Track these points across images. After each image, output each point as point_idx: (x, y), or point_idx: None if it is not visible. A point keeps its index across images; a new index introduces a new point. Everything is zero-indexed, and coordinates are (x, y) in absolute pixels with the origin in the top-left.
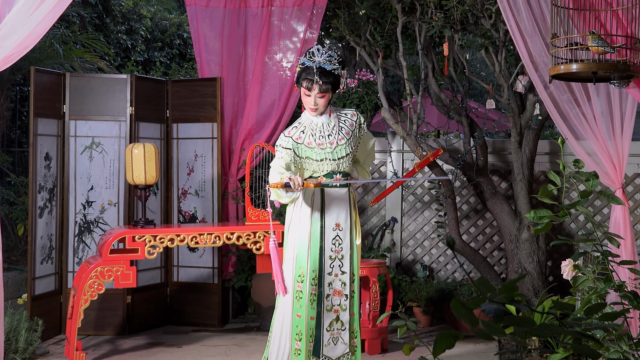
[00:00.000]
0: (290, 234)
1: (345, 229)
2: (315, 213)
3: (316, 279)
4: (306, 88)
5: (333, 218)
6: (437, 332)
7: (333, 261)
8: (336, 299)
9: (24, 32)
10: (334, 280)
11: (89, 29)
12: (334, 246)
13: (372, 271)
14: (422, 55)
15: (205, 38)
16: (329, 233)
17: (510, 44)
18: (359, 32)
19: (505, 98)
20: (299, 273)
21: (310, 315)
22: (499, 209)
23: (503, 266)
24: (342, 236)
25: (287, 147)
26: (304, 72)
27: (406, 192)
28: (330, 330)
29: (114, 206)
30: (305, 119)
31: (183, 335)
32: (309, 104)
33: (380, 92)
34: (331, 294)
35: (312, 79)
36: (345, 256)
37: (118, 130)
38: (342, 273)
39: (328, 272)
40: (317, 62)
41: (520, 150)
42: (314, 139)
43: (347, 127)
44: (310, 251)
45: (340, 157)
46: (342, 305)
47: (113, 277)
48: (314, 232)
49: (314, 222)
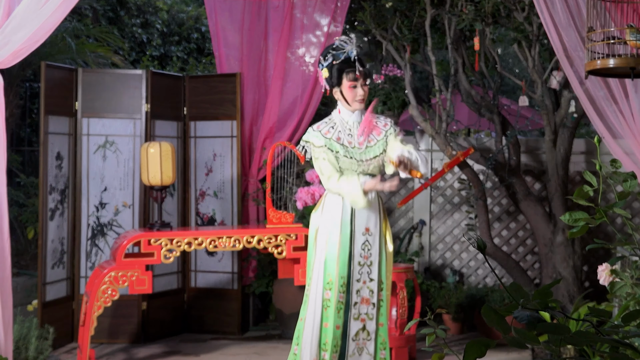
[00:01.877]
0: (318, 240)
1: (375, 234)
2: (345, 217)
3: (344, 285)
4: (352, 80)
5: (363, 222)
6: (467, 340)
7: (362, 267)
8: (363, 307)
9: (34, 26)
10: (362, 288)
11: (103, 22)
12: (363, 252)
13: (400, 276)
14: (451, 50)
15: (224, 32)
16: (358, 238)
17: (544, 37)
18: (385, 26)
19: (539, 95)
20: (328, 280)
21: (336, 324)
22: (532, 211)
23: (537, 271)
24: (372, 241)
25: (320, 145)
26: (343, 65)
27: (435, 194)
28: (356, 340)
29: (129, 208)
30: (336, 116)
31: (201, 344)
32: (358, 95)
33: (407, 88)
34: (358, 301)
35: (353, 69)
36: (374, 262)
37: (133, 129)
38: (370, 280)
39: (357, 279)
40: (351, 50)
41: (555, 150)
42: (343, 135)
43: (379, 128)
44: (339, 257)
45: (368, 159)
46: (369, 314)
47: (127, 283)
48: (343, 236)
49: (344, 226)
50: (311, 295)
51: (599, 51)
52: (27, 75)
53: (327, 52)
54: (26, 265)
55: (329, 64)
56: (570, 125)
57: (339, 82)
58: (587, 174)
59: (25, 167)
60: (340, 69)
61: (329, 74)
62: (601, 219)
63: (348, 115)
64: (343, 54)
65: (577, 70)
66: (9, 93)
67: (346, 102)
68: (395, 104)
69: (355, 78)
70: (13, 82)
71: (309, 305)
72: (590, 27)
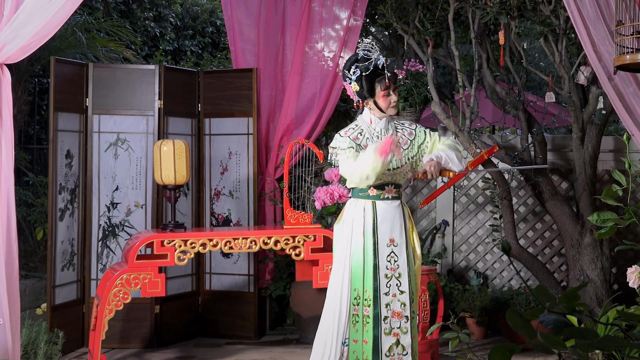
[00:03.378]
0: (339, 251)
1: (401, 245)
2: (367, 228)
3: (370, 299)
4: (384, 88)
5: (387, 233)
6: (491, 345)
7: (389, 280)
8: (395, 322)
9: (43, 19)
10: (392, 301)
11: (114, 16)
12: (389, 263)
13: (422, 279)
14: (475, 44)
15: (240, 25)
16: (382, 249)
17: (572, 32)
18: (407, 19)
19: (566, 91)
20: (355, 295)
21: (364, 339)
22: (559, 211)
23: (564, 273)
24: (398, 252)
25: (349, 147)
26: (373, 75)
27: (458, 193)
28: (390, 356)
29: (141, 208)
30: (363, 123)
31: (216, 349)
32: (393, 101)
33: (430, 84)
34: (389, 315)
35: (384, 76)
36: (402, 274)
37: (145, 126)
38: (400, 293)
39: (384, 292)
40: (378, 58)
41: (582, 148)
42: (371, 142)
43: (405, 137)
44: (364, 269)
45: (394, 167)
46: (402, 328)
47: (140, 285)
48: (366, 249)
49: (367, 238)
50: (332, 309)
51: (628, 45)
52: (36, 70)
53: (352, 64)
54: (35, 268)
55: (358, 77)
56: (599, 122)
57: (372, 93)
58: (615, 172)
59: (34, 165)
60: (371, 80)
61: (360, 86)
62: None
63: (375, 121)
64: (371, 64)
65: (605, 65)
66: (17, 89)
67: (380, 111)
68: (417, 100)
69: (387, 86)
70: (21, 77)
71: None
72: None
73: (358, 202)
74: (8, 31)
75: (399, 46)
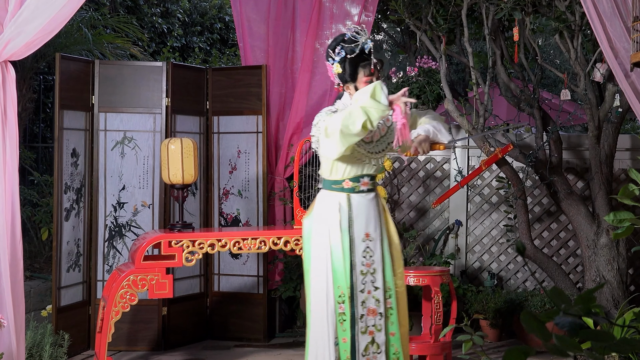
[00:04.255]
0: (318, 249)
1: (376, 239)
2: (343, 223)
3: (344, 296)
4: (368, 75)
5: (362, 227)
6: (506, 348)
7: (365, 276)
8: (370, 319)
9: (48, 15)
10: (367, 298)
11: (121, 12)
12: (365, 259)
13: (434, 280)
14: (489, 41)
15: (249, 22)
16: (358, 245)
17: (588, 28)
18: (419, 15)
19: (582, 88)
20: (339, 293)
21: (343, 338)
22: (574, 211)
23: (579, 274)
24: (373, 247)
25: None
26: (358, 59)
27: (472, 193)
28: (366, 355)
29: (148, 208)
30: (342, 106)
31: (225, 351)
32: None
33: (443, 81)
34: (365, 314)
35: (369, 62)
36: (377, 269)
37: (153, 124)
38: (375, 289)
39: (360, 290)
40: (365, 43)
41: (599, 146)
42: None
43: (382, 123)
44: (343, 267)
45: (380, 150)
46: (377, 325)
47: (147, 287)
48: (344, 244)
49: (343, 233)
50: (320, 309)
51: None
52: (41, 67)
53: (338, 44)
54: (40, 268)
55: (342, 58)
56: (615, 120)
57: (354, 78)
58: (632, 171)
59: (39, 164)
60: (355, 63)
61: (342, 69)
62: None
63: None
64: (357, 47)
65: (622, 62)
66: (22, 86)
67: None
68: (430, 97)
69: (371, 72)
70: (26, 74)
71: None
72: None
73: (331, 196)
74: (12, 27)
75: (411, 43)
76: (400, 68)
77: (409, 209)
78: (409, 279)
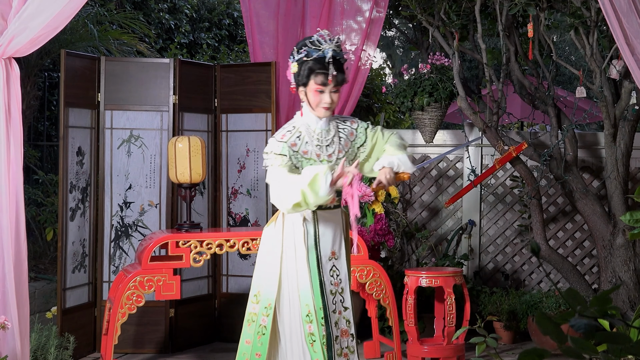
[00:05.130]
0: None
1: (341, 257)
2: (309, 241)
3: (321, 318)
4: (320, 83)
5: (328, 246)
6: (520, 350)
7: (334, 296)
8: (344, 341)
9: (53, 11)
10: (339, 319)
11: (127, 7)
12: (333, 278)
13: (447, 281)
14: (503, 37)
15: (258, 17)
16: (325, 264)
17: (603, 24)
18: (432, 11)
19: (598, 85)
20: (306, 312)
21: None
22: (590, 211)
23: (595, 275)
24: (339, 266)
25: (282, 154)
26: (314, 65)
27: (485, 192)
28: None
29: (155, 207)
30: (301, 124)
31: (233, 354)
32: (324, 102)
33: (456, 78)
34: (339, 335)
35: (326, 71)
36: (345, 289)
37: (160, 122)
38: (344, 309)
39: (332, 310)
40: (327, 50)
41: (615, 145)
42: (310, 147)
43: (346, 138)
44: (312, 287)
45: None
46: (350, 347)
47: (154, 288)
48: (311, 263)
49: (310, 252)
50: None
51: None
52: (45, 64)
53: (303, 44)
54: (45, 269)
55: (300, 59)
56: (632, 118)
57: (306, 83)
58: None
59: (43, 163)
60: (310, 68)
61: (298, 70)
62: None
63: (314, 121)
64: (317, 52)
65: (638, 58)
66: (27, 83)
67: (309, 106)
68: (443, 95)
69: (325, 83)
70: (31, 71)
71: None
72: None
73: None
74: (17, 23)
75: (424, 39)
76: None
77: (421, 208)
78: (421, 280)
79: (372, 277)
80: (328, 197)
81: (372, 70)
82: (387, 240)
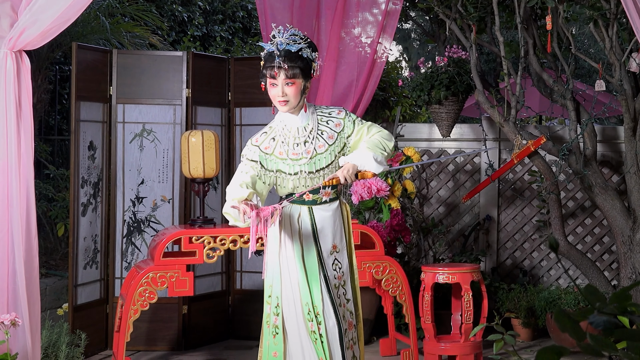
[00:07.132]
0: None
1: (342, 250)
2: (306, 237)
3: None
4: (270, 77)
5: (329, 240)
6: (538, 348)
7: (338, 290)
8: (350, 333)
9: (65, 3)
10: (344, 312)
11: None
12: (336, 272)
13: (465, 277)
14: (521, 30)
15: (272, 10)
16: (327, 258)
17: (623, 16)
18: (449, 3)
19: (617, 79)
20: (307, 310)
21: (320, 357)
22: (609, 206)
23: (614, 271)
24: (340, 259)
25: (253, 159)
26: (266, 59)
27: (503, 187)
28: None
29: (168, 203)
30: (277, 123)
31: (247, 351)
32: (277, 96)
33: (473, 71)
34: (347, 327)
35: (273, 65)
36: (347, 281)
37: (172, 116)
38: (347, 301)
39: (339, 304)
40: (277, 43)
41: (635, 139)
42: (286, 147)
43: (331, 130)
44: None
45: (319, 169)
46: (353, 338)
47: (167, 284)
48: (311, 260)
49: (309, 247)
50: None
51: None
52: (57, 57)
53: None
54: (56, 266)
55: (264, 55)
56: None
57: (264, 79)
58: None
59: (54, 157)
60: (263, 64)
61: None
62: None
63: (290, 119)
64: (268, 46)
65: None
66: (37, 77)
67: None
68: (460, 88)
69: (273, 75)
70: (42, 64)
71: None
72: None
73: (291, 207)
74: (27, 15)
75: (441, 32)
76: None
77: (438, 203)
78: (438, 277)
79: (389, 273)
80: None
81: (388, 63)
82: (404, 236)
